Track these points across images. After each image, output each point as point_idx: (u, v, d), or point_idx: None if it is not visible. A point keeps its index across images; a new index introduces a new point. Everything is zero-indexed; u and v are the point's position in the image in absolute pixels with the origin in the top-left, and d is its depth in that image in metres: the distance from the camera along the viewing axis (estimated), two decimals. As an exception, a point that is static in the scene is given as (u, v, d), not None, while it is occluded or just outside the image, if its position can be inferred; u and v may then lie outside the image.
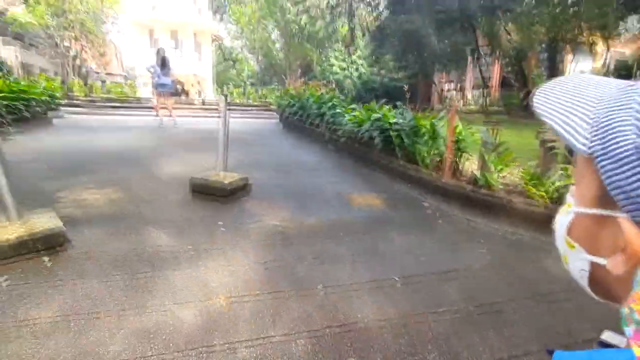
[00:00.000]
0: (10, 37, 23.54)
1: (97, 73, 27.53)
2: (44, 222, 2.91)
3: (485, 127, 5.22)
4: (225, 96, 4.52)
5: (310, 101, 8.60)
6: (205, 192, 4.26)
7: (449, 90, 24.94)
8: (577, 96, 0.34)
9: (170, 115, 9.93)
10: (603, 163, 0.31)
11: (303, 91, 9.87)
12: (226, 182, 4.31)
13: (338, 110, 7.25)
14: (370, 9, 27.25)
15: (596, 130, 0.32)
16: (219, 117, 4.38)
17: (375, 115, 5.85)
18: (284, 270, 2.74)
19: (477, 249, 3.33)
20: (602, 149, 0.31)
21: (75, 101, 13.50)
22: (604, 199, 0.33)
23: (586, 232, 0.37)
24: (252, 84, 34.40)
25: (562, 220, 0.39)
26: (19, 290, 2.26)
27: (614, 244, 0.32)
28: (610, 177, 0.31)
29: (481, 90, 27.18)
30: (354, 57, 33.67)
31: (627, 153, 0.29)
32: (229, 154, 4.55)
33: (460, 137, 5.16)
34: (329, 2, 28.31)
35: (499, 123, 5.40)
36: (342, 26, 30.70)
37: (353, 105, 7.48)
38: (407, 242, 3.37)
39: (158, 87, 9.69)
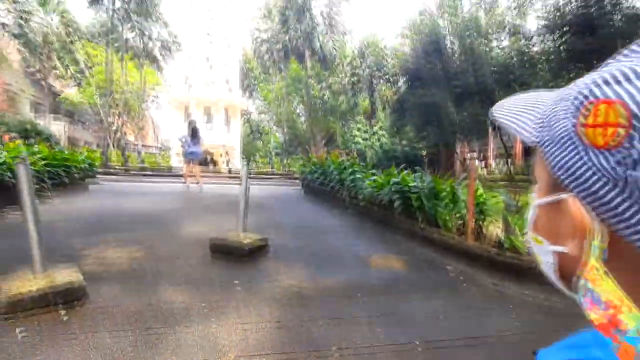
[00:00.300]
0: (62, 114, 26.01)
1: (135, 145, 29.51)
2: (66, 276, 2.98)
3: (507, 191, 5.17)
4: (247, 160, 4.74)
5: (331, 168, 8.82)
6: (224, 252, 4.28)
7: (471, 158, 25.06)
8: (530, 100, 0.39)
9: (198, 182, 10.32)
10: (547, 149, 0.34)
11: (325, 159, 10.17)
12: (245, 242, 4.34)
13: (358, 176, 7.37)
14: (389, 84, 28.90)
15: (542, 122, 0.35)
16: (240, 185, 4.57)
17: (394, 180, 5.91)
18: (298, 331, 2.64)
19: (506, 314, 3.12)
20: (546, 136, 0.34)
21: (112, 170, 14.37)
22: (555, 186, 0.34)
23: (547, 223, 0.37)
24: (277, 155, 35.77)
25: (528, 217, 0.40)
26: (33, 342, 2.26)
27: (571, 228, 0.33)
28: (553, 159, 0.33)
29: (504, 159, 27.19)
30: (375, 128, 34.93)
31: (565, 133, 0.32)
32: (251, 216, 4.65)
33: (481, 200, 5.11)
34: (350, 79, 30.29)
35: (521, 188, 5.35)
36: (363, 100, 32.41)
37: (373, 171, 7.61)
38: (430, 306, 3.20)
39: (188, 155, 10.25)
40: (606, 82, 0.29)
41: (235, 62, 40.42)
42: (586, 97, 0.30)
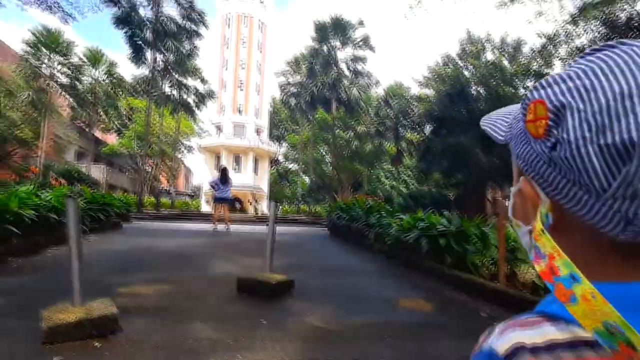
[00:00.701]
0: (102, 160, 27.65)
1: (168, 192, 30.66)
2: (102, 309, 3.10)
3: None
4: (275, 201, 4.89)
5: (358, 210, 8.86)
6: (251, 291, 4.32)
7: (500, 198, 24.42)
8: (507, 110, 0.49)
9: (226, 224, 10.58)
10: (512, 144, 0.43)
11: (352, 202, 10.25)
12: (271, 281, 4.37)
13: (385, 217, 7.37)
14: (415, 130, 29.19)
15: (510, 126, 0.45)
16: (268, 226, 4.70)
17: (421, 220, 5.88)
18: (323, 368, 2.60)
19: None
20: (509, 134, 0.44)
21: (145, 214, 14.94)
22: (520, 174, 0.42)
23: (520, 208, 0.44)
24: (304, 200, 36.10)
25: (509, 206, 0.47)
26: (67, 368, 2.35)
27: (532, 207, 0.40)
28: (515, 152, 0.42)
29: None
30: (402, 175, 34.86)
31: (520, 130, 0.41)
32: (277, 257, 4.71)
33: (513, 243, 4.97)
34: (376, 125, 30.90)
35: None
36: (389, 145, 32.76)
37: (400, 214, 7.59)
38: (460, 350, 3.08)
39: (218, 199, 10.61)
40: (540, 86, 0.37)
41: (265, 112, 42.38)
42: (528, 99, 0.38)
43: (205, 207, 35.62)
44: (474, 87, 22.49)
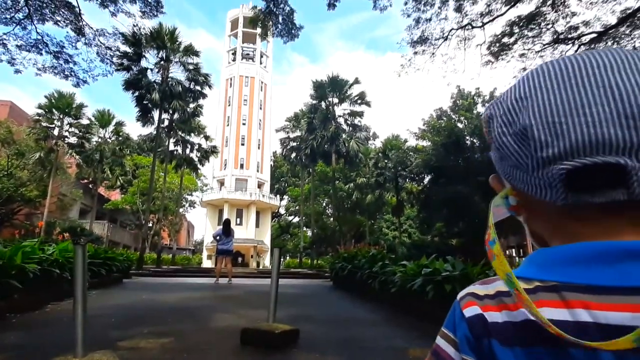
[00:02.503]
0: (105, 217, 27.69)
1: (170, 248, 30.35)
2: (103, 360, 3.05)
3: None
4: (280, 248, 4.92)
5: (361, 260, 8.78)
6: (255, 342, 4.21)
7: (503, 244, 24.02)
8: None
9: (228, 277, 10.43)
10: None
11: (355, 253, 10.18)
12: (276, 332, 4.28)
13: (388, 266, 7.30)
14: (414, 181, 29.54)
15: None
16: (271, 276, 4.69)
17: (426, 268, 5.84)
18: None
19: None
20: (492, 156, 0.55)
21: (146, 270, 14.74)
22: None
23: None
24: (307, 254, 35.57)
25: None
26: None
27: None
28: (495, 165, 0.52)
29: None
30: (404, 225, 34.67)
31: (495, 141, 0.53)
32: (281, 309, 4.66)
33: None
34: (376, 177, 31.32)
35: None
36: (390, 197, 32.96)
37: (404, 262, 7.53)
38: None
39: (220, 251, 10.55)
40: (486, 108, 0.51)
41: (266, 166, 43.18)
42: (482, 119, 0.52)
43: (207, 263, 35.11)
44: (468, 138, 23.18)
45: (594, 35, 11.44)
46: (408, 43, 13.18)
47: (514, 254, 30.65)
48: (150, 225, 26.52)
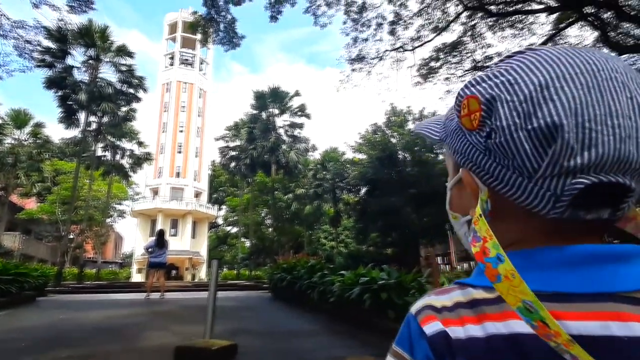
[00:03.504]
0: (18, 229, 24.82)
1: (94, 262, 27.97)
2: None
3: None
4: (219, 260, 4.81)
5: (300, 270, 8.83)
6: None
7: (433, 255, 25.59)
8: (436, 117, 0.59)
9: (160, 291, 9.91)
10: (447, 141, 0.47)
11: (294, 264, 10.19)
12: (212, 349, 4.16)
13: (327, 276, 7.43)
14: (351, 193, 30.43)
15: (443, 126, 0.50)
16: (208, 289, 4.56)
17: (363, 277, 6.05)
18: None
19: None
20: (444, 133, 0.49)
21: (66, 287, 13.44)
22: (457, 168, 0.47)
23: (458, 200, 0.49)
24: (245, 265, 34.79)
25: (446, 201, 0.52)
26: None
27: (471, 196, 0.44)
28: (452, 147, 0.46)
29: (467, 262, 28.05)
30: (341, 236, 35.40)
31: (455, 126, 0.46)
32: (219, 323, 4.54)
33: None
34: (314, 188, 31.75)
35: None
36: (328, 208, 33.53)
37: (342, 272, 7.70)
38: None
39: (152, 264, 9.98)
40: (470, 84, 0.42)
41: (204, 175, 41.77)
42: (461, 96, 0.43)
43: (137, 277, 32.74)
44: (401, 153, 24.50)
45: None
46: (346, 60, 13.78)
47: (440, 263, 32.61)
48: (72, 237, 24.25)
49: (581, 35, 13.25)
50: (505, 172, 0.39)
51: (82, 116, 21.42)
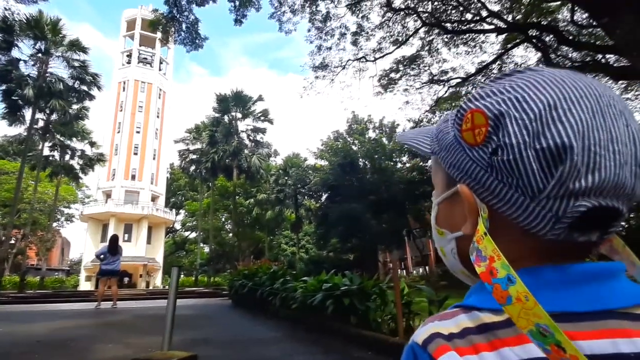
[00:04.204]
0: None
1: (38, 269, 26.06)
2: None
3: (429, 287, 5.61)
4: (179, 266, 4.67)
5: (262, 277, 8.73)
6: (147, 372, 3.89)
7: (393, 260, 26.29)
8: (424, 128, 0.60)
9: (112, 300, 9.45)
10: (441, 154, 0.46)
11: (256, 269, 10.06)
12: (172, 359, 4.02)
13: (290, 282, 7.40)
14: (313, 198, 30.59)
15: (434, 138, 0.49)
16: (165, 298, 4.41)
17: (326, 283, 6.08)
18: None
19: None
20: (438, 146, 0.47)
21: (4, 296, 12.43)
22: (450, 183, 0.46)
23: (446, 216, 0.48)
24: (204, 272, 33.81)
25: (432, 216, 0.51)
26: None
27: (465, 212, 0.42)
28: (446, 160, 0.45)
29: (422, 266, 28.99)
30: (302, 241, 35.40)
31: (452, 140, 0.44)
32: (177, 333, 4.39)
33: (408, 299, 5.44)
34: (276, 194, 31.60)
35: (438, 288, 5.83)
36: (289, 214, 33.45)
37: (304, 278, 7.70)
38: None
39: (104, 272, 9.48)
40: (474, 98, 0.41)
41: (162, 178, 40.25)
42: (463, 109, 0.42)
43: (86, 285, 30.78)
44: (361, 160, 25.03)
45: (459, 80, 13.72)
46: (310, 67, 13.97)
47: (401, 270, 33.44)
48: (13, 242, 22.46)
49: (526, 55, 14.34)
50: (508, 190, 0.38)
51: (28, 113, 20.05)
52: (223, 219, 39.15)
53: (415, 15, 12.02)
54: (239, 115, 33.70)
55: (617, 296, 0.36)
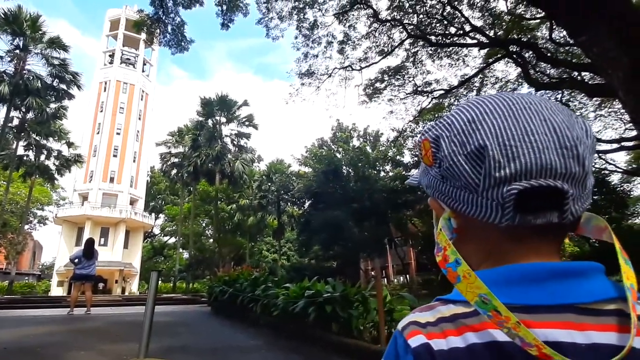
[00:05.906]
0: None
1: (7, 273, 25.02)
2: None
3: (411, 294, 5.62)
4: (158, 272, 4.55)
5: (243, 283, 8.60)
6: (122, 380, 3.75)
7: (374, 275, 26.43)
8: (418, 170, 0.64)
9: (86, 306, 9.13)
10: (422, 182, 0.57)
11: (236, 275, 9.90)
12: (148, 367, 3.89)
13: (271, 288, 7.30)
14: (296, 205, 30.51)
15: (420, 173, 0.59)
16: (142, 305, 4.29)
17: (308, 290, 6.02)
18: None
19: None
20: (419, 177, 0.59)
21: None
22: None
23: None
24: (182, 278, 33.09)
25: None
26: None
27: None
28: (423, 184, 0.56)
29: (403, 275, 29.17)
30: (284, 248, 35.16)
31: (422, 168, 0.56)
32: (154, 340, 4.26)
33: (391, 307, 5.44)
34: (259, 200, 31.35)
35: (419, 296, 5.85)
36: (271, 220, 33.19)
37: (287, 285, 7.62)
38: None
39: (78, 276, 9.16)
40: (423, 132, 0.53)
41: (142, 181, 39.41)
42: (419, 142, 0.54)
43: (57, 290, 29.66)
44: (345, 168, 25.14)
45: (442, 91, 14.03)
46: (296, 74, 14.00)
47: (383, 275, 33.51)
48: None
49: (507, 70, 14.77)
50: (458, 191, 0.48)
51: (2, 110, 19.40)
52: (204, 224, 38.57)
53: (401, 26, 12.22)
54: (223, 119, 33.45)
55: (579, 292, 0.42)
